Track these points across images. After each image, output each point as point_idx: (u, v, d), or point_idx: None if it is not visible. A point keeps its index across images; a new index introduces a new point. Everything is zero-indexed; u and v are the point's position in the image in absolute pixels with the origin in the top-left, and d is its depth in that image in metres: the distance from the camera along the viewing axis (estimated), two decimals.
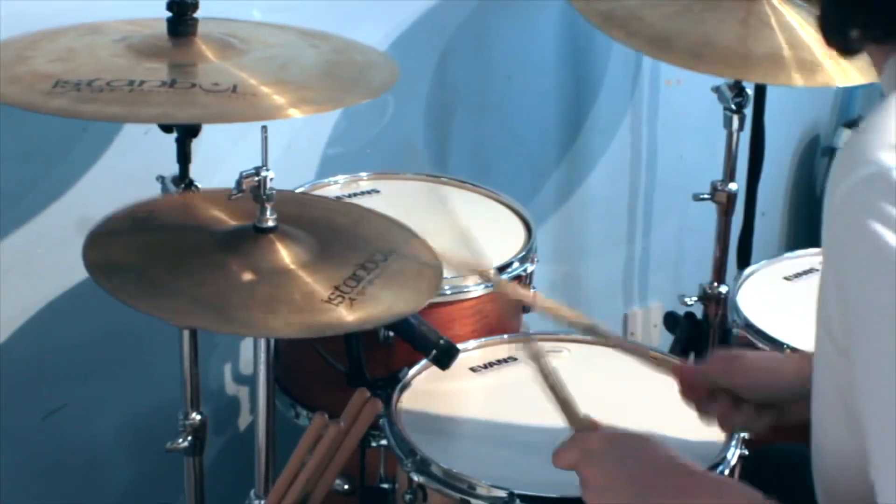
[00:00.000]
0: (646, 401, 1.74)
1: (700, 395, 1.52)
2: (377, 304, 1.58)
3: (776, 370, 1.51)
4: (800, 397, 1.46)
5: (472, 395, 1.77)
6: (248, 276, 1.59)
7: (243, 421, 2.37)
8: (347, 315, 1.54)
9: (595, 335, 1.77)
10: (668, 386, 1.77)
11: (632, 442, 1.30)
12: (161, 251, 1.64)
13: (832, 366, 1.14)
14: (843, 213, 1.06)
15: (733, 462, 1.60)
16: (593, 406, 1.72)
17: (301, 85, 1.66)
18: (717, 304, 2.38)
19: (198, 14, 1.72)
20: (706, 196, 2.38)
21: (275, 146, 1.64)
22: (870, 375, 1.06)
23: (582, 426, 1.35)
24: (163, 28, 1.71)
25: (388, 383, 1.75)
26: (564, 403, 1.36)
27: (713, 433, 1.64)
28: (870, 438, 1.07)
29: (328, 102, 1.71)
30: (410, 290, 1.64)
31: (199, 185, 1.83)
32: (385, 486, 1.70)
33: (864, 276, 1.05)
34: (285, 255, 1.61)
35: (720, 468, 1.58)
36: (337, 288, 1.58)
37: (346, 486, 1.80)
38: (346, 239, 1.72)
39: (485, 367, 1.80)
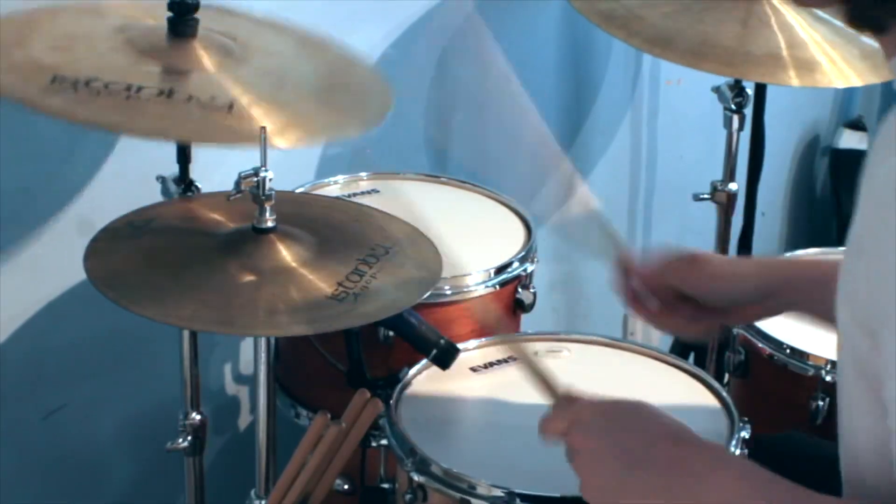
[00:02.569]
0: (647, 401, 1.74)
1: (633, 291, 1.54)
2: (382, 298, 1.58)
3: (737, 276, 1.53)
4: (750, 302, 1.51)
5: (473, 394, 1.77)
6: (249, 277, 1.59)
7: (243, 421, 2.37)
8: (353, 309, 1.53)
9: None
10: (668, 386, 1.78)
11: (623, 411, 1.26)
12: (161, 257, 1.64)
13: (857, 349, 1.13)
14: (889, 187, 1.04)
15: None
16: None
17: (295, 111, 1.65)
18: None
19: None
20: (706, 196, 2.39)
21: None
22: None
23: (558, 395, 1.32)
24: (163, 18, 1.70)
25: (389, 383, 1.75)
26: (543, 380, 1.34)
27: (712, 432, 1.64)
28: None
29: (319, 135, 1.71)
30: (414, 281, 1.65)
31: (200, 186, 1.83)
32: (385, 485, 1.70)
33: None
34: (286, 254, 1.62)
35: None
36: (340, 284, 1.58)
37: (346, 486, 1.80)
38: (345, 235, 1.72)
39: (485, 366, 1.80)
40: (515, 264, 1.99)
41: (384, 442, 1.65)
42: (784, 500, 1.15)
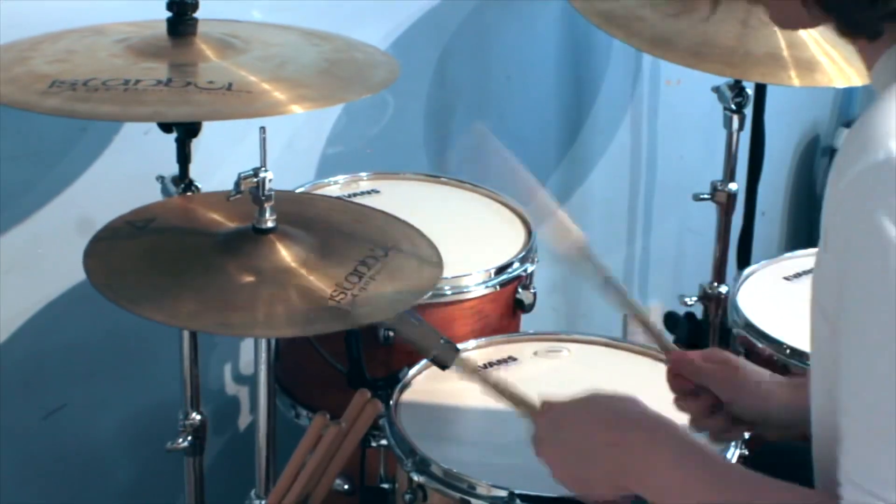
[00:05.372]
0: (645, 401, 1.74)
1: (686, 387, 1.51)
2: (381, 299, 1.58)
3: (770, 396, 1.49)
4: (783, 425, 1.48)
5: (472, 395, 1.76)
6: (249, 278, 1.59)
7: (243, 421, 2.37)
8: (351, 311, 1.53)
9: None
10: (666, 387, 1.78)
11: (567, 412, 1.32)
12: (161, 257, 1.63)
13: (825, 350, 1.15)
14: (847, 200, 1.07)
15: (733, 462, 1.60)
16: None
17: (298, 82, 1.66)
18: (717, 304, 2.38)
19: (198, 15, 1.72)
20: (706, 196, 2.38)
21: (275, 146, 1.64)
22: (853, 359, 1.08)
23: (530, 410, 1.36)
24: (163, 29, 1.71)
25: (388, 383, 1.75)
26: (508, 394, 1.39)
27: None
28: (841, 417, 1.09)
29: (324, 99, 1.70)
30: (413, 283, 1.65)
31: (199, 186, 1.83)
32: (385, 486, 1.70)
33: (864, 267, 1.06)
34: (286, 254, 1.61)
35: None
36: (339, 285, 1.58)
37: (346, 486, 1.80)
38: (345, 236, 1.72)
39: (485, 367, 1.80)
40: (516, 264, 1.99)
41: (384, 442, 1.65)
42: (718, 480, 1.19)
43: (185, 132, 1.79)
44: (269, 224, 1.62)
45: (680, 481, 1.21)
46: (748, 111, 2.34)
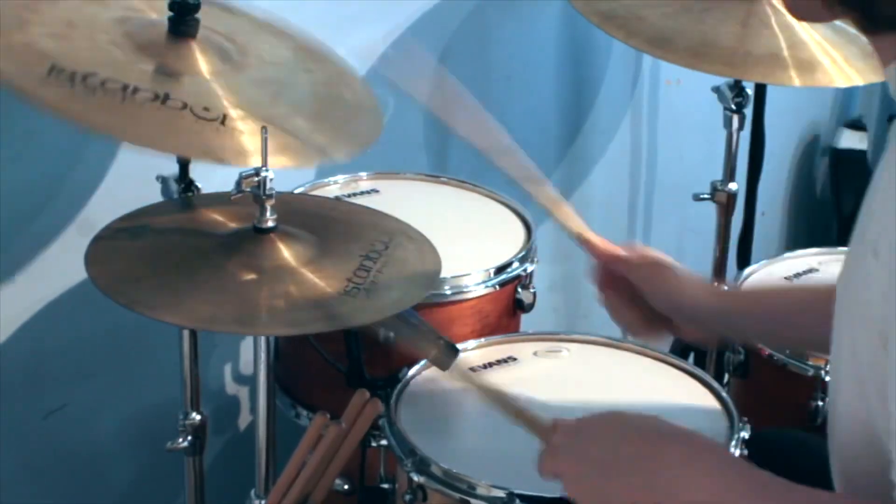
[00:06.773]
0: (645, 401, 1.74)
1: (606, 281, 1.60)
2: (391, 292, 1.58)
3: (686, 291, 1.57)
4: (696, 322, 1.58)
5: (472, 395, 1.76)
6: (255, 276, 1.57)
7: (243, 421, 2.37)
8: (366, 304, 1.54)
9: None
10: (668, 386, 1.78)
11: (591, 424, 1.29)
12: (162, 259, 1.62)
13: (866, 360, 1.12)
14: None
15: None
16: (593, 406, 1.72)
17: (287, 131, 1.64)
18: None
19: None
20: (706, 196, 2.39)
21: None
22: None
23: (545, 430, 1.34)
24: (164, 12, 1.69)
25: (388, 383, 1.75)
26: (520, 414, 1.38)
27: (712, 432, 1.64)
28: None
29: (304, 161, 1.73)
30: (418, 274, 1.65)
31: (200, 186, 1.83)
32: (385, 486, 1.70)
33: None
34: (289, 253, 1.60)
35: None
36: (350, 280, 1.58)
37: (346, 486, 1.80)
38: (344, 232, 1.71)
39: (484, 367, 1.80)
40: (515, 264, 1.99)
41: (384, 442, 1.65)
42: (757, 492, 1.17)
43: None
44: (270, 224, 1.62)
45: (720, 493, 1.18)
46: (748, 111, 2.35)
